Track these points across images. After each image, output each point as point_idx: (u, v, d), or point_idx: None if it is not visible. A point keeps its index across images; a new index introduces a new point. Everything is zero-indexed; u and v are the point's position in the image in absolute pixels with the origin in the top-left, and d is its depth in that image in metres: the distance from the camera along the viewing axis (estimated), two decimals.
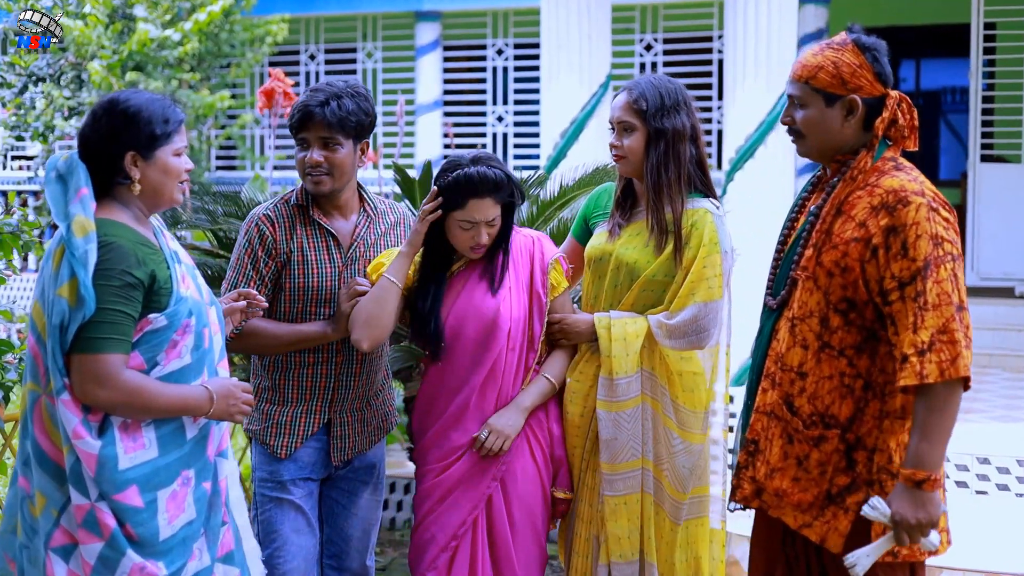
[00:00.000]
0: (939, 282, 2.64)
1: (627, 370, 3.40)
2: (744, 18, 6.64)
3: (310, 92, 3.37)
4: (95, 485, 2.69)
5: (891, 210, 2.70)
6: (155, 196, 2.85)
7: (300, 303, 3.40)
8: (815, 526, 2.82)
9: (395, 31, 12.21)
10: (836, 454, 2.80)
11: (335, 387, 3.47)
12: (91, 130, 2.81)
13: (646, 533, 3.45)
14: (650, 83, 3.49)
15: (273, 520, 3.41)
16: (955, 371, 2.61)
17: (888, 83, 2.85)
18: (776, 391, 2.87)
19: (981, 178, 9.90)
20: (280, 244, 3.38)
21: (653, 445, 3.44)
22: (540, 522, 3.49)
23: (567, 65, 7.21)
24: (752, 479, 2.92)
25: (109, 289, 2.68)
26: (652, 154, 3.42)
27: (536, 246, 3.50)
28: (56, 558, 2.73)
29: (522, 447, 3.45)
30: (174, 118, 2.85)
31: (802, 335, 2.83)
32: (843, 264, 2.76)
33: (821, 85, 2.83)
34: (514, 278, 3.44)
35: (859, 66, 2.81)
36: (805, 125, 2.88)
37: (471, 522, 3.42)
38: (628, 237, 3.50)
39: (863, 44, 2.83)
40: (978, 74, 9.84)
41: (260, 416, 3.47)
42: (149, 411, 2.74)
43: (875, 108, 2.84)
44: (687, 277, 3.39)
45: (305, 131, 3.34)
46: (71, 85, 10.41)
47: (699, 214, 3.44)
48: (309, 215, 3.42)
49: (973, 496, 5.74)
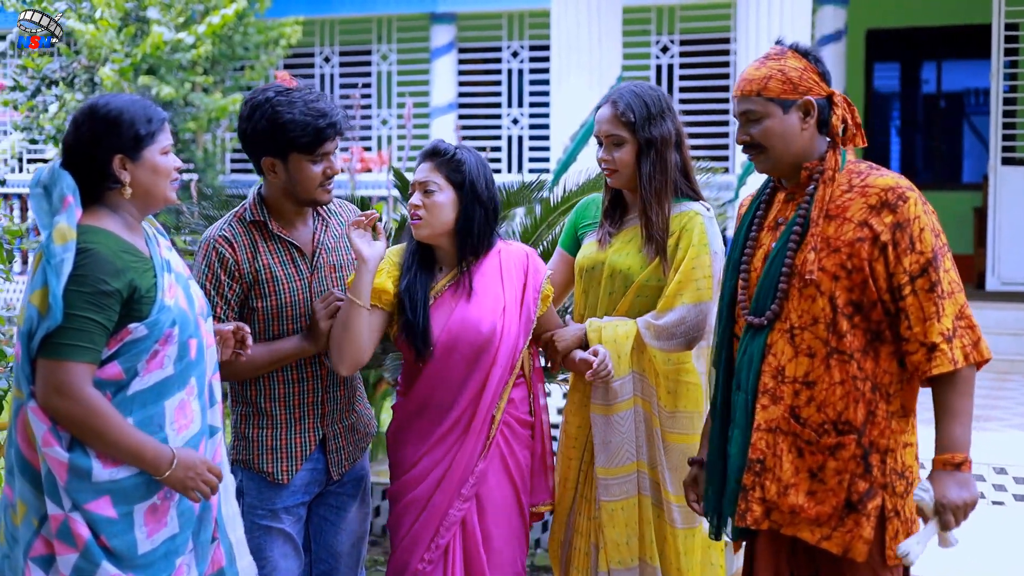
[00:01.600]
0: (947, 271, 2.75)
1: (620, 372, 3.40)
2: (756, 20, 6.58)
3: (315, 108, 3.20)
4: (67, 495, 2.65)
5: (893, 208, 2.75)
6: (147, 197, 2.81)
7: (275, 322, 3.29)
8: (835, 537, 2.80)
9: (410, 33, 12.17)
10: (853, 460, 2.78)
11: (323, 400, 3.37)
12: (74, 138, 2.77)
13: (646, 537, 3.42)
14: (632, 92, 3.47)
15: (262, 547, 3.32)
16: (978, 354, 2.75)
17: (830, 83, 2.91)
18: (778, 406, 2.83)
19: (1003, 181, 9.75)
20: (243, 265, 3.24)
21: (647, 448, 3.44)
22: (517, 541, 3.43)
23: (577, 67, 7.16)
24: (761, 500, 2.87)
25: (81, 296, 2.62)
26: (644, 164, 3.42)
27: (529, 262, 3.44)
28: (35, 568, 2.70)
29: (495, 467, 3.37)
30: (156, 117, 2.81)
31: (806, 344, 2.81)
32: (850, 266, 2.77)
33: (774, 93, 2.86)
34: (509, 293, 3.37)
35: (804, 69, 2.87)
36: (766, 137, 2.88)
37: (443, 544, 3.34)
38: (620, 244, 3.49)
39: (801, 49, 2.92)
40: (999, 76, 9.71)
41: (247, 443, 3.34)
42: (99, 440, 2.65)
43: (825, 109, 2.89)
44: (676, 277, 3.39)
45: (324, 146, 3.23)
46: (84, 88, 10.41)
47: (688, 216, 3.45)
48: (269, 230, 3.30)
49: (989, 507, 5.63)
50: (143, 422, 2.72)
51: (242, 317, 3.29)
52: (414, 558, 3.35)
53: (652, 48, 10.95)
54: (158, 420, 2.74)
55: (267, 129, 3.18)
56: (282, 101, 3.18)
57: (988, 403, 7.28)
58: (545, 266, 3.50)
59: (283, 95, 3.20)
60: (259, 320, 3.28)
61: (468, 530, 3.36)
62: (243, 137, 3.28)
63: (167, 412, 2.75)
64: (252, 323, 3.28)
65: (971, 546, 2.84)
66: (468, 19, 11.89)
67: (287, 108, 3.17)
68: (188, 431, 2.79)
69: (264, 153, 3.23)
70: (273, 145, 3.20)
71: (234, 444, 3.37)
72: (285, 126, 3.16)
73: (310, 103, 3.20)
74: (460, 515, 3.34)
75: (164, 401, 2.75)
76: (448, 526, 3.33)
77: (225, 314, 3.24)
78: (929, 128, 13.01)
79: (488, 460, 3.35)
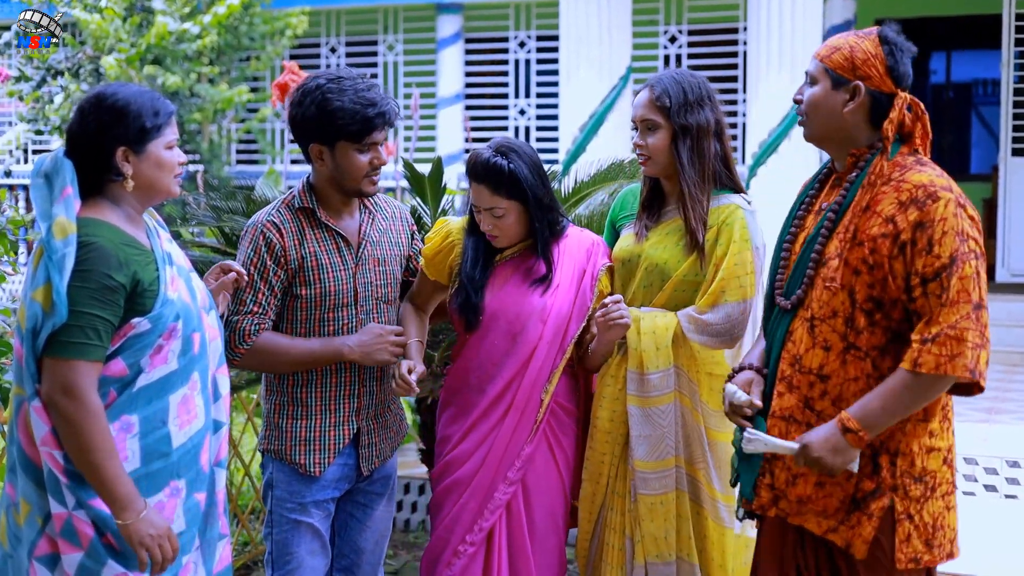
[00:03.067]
0: (963, 279, 2.63)
1: (658, 364, 3.33)
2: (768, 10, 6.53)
3: (365, 96, 3.17)
4: (71, 492, 2.61)
5: (920, 205, 2.67)
6: (149, 191, 2.77)
7: (318, 310, 3.26)
8: (840, 531, 2.78)
9: (416, 23, 12.12)
10: (862, 458, 2.75)
11: (360, 394, 3.34)
12: (79, 127, 2.72)
13: (683, 533, 3.37)
14: (672, 78, 3.41)
15: (289, 542, 3.28)
16: (951, 368, 2.61)
17: (902, 83, 2.82)
18: (793, 395, 2.81)
19: (1013, 172, 9.70)
20: (290, 251, 3.23)
21: (685, 444, 3.38)
22: (561, 527, 3.43)
23: (586, 58, 7.12)
24: (770, 486, 2.86)
25: (86, 292, 2.58)
26: (681, 151, 3.35)
27: (595, 248, 3.45)
28: (41, 567, 2.66)
29: (543, 452, 3.36)
30: (164, 110, 2.76)
31: (823, 336, 2.77)
32: (871, 261, 2.72)
33: (833, 66, 2.83)
34: (566, 273, 3.38)
35: (873, 56, 2.80)
36: (808, 104, 2.88)
37: (487, 527, 3.32)
38: (658, 237, 3.43)
39: (885, 37, 2.83)
40: (1010, 66, 9.65)
41: (279, 433, 3.30)
42: (83, 451, 2.58)
43: (883, 105, 2.81)
44: (718, 275, 3.32)
45: (372, 135, 3.20)
46: (89, 79, 10.37)
47: (729, 210, 3.37)
48: (317, 218, 3.28)
49: (1002, 500, 5.59)
50: (147, 419, 2.67)
51: (285, 305, 3.27)
52: (454, 537, 3.34)
53: (660, 38, 10.90)
54: (161, 416, 2.69)
55: (316, 116, 3.16)
56: (332, 88, 3.15)
57: (999, 396, 7.24)
58: (607, 258, 3.48)
59: (334, 82, 3.17)
60: (302, 308, 3.26)
61: (514, 516, 3.34)
62: (292, 123, 3.25)
63: (171, 408, 2.71)
64: (295, 311, 3.27)
65: (984, 539, 2.79)
66: (475, 9, 11.84)
67: (337, 95, 3.14)
68: (191, 426, 2.75)
69: (312, 140, 3.21)
70: (321, 132, 3.18)
71: (266, 434, 3.34)
72: (334, 113, 3.14)
73: (360, 91, 3.16)
74: (506, 498, 3.33)
75: (168, 396, 2.70)
76: (493, 509, 3.33)
77: (267, 300, 3.22)
78: (938, 119, 12.95)
79: (535, 444, 3.34)
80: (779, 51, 6.52)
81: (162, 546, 2.64)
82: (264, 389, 3.39)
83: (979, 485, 5.64)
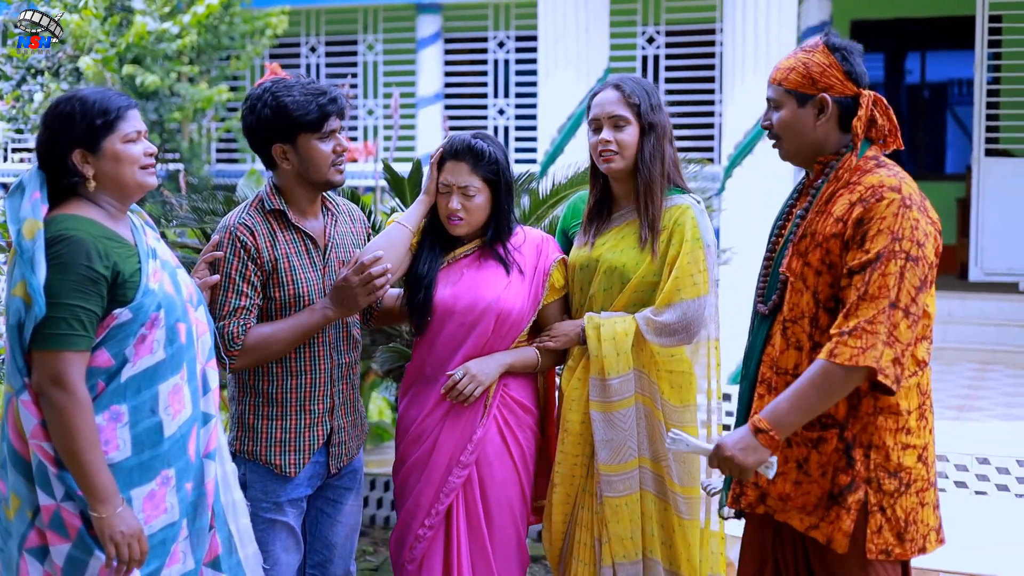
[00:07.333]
0: (884, 275, 2.68)
1: (619, 370, 3.42)
2: (743, 12, 6.58)
3: (313, 87, 3.28)
4: (60, 482, 2.66)
5: (864, 204, 2.75)
6: (117, 187, 2.82)
7: (291, 311, 3.31)
8: (821, 527, 2.83)
9: (396, 23, 12.13)
10: (836, 453, 2.81)
11: (331, 393, 3.40)
12: (40, 137, 2.82)
13: (647, 531, 3.45)
14: (634, 81, 3.54)
15: (265, 540, 3.33)
16: (862, 359, 2.65)
17: (861, 82, 2.89)
18: (772, 395, 2.87)
19: (986, 172, 9.80)
20: (263, 253, 3.28)
21: (649, 443, 3.46)
22: (519, 519, 3.52)
23: (564, 58, 7.16)
24: (756, 485, 2.93)
25: (68, 283, 2.65)
26: (646, 148, 3.45)
27: (544, 244, 3.56)
28: (31, 559, 2.71)
29: (494, 438, 3.46)
30: (114, 106, 2.81)
31: (795, 337, 2.85)
32: (828, 261, 2.80)
33: (793, 86, 2.89)
34: (519, 269, 3.47)
35: (828, 66, 2.87)
36: (780, 127, 2.94)
37: (442, 510, 3.43)
38: (614, 241, 3.51)
39: (832, 45, 2.89)
40: (983, 67, 9.75)
41: (254, 435, 3.34)
42: (68, 439, 2.64)
43: (850, 108, 2.88)
44: (672, 274, 3.40)
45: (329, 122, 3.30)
46: (69, 78, 10.34)
47: (680, 210, 3.48)
48: (287, 220, 3.33)
49: (972, 496, 5.68)
50: (137, 407, 2.73)
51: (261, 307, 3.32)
52: (415, 522, 3.46)
53: (638, 39, 10.96)
54: (151, 404, 2.75)
55: (271, 115, 3.25)
56: (280, 89, 3.26)
57: (970, 393, 7.34)
58: (559, 252, 3.58)
59: (279, 83, 3.29)
60: (276, 310, 3.31)
61: (469, 501, 3.44)
62: (249, 131, 3.32)
63: (161, 396, 2.77)
64: (269, 313, 3.32)
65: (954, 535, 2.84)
66: (454, 9, 11.86)
67: (286, 92, 3.25)
68: (181, 416, 2.81)
69: (273, 141, 3.28)
70: (280, 130, 3.26)
71: (237, 435, 3.37)
72: (288, 108, 3.23)
73: (307, 85, 3.28)
74: (459, 481, 3.43)
75: (158, 385, 2.76)
76: (448, 492, 3.43)
77: (252, 301, 3.27)
78: (913, 119, 13.05)
79: (486, 429, 3.44)
80: (755, 53, 6.58)
81: (131, 545, 2.69)
82: (236, 390, 3.41)
83: (950, 482, 5.72)
